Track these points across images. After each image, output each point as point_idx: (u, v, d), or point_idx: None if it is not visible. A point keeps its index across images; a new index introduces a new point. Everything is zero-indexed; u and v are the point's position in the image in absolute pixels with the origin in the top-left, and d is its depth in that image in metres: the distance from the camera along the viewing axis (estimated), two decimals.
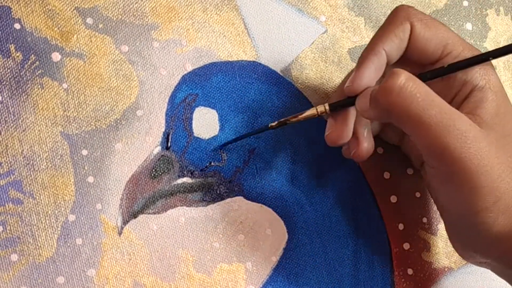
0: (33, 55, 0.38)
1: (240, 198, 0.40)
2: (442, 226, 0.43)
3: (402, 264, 0.42)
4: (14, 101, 0.37)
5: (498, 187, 0.34)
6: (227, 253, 0.40)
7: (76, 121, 0.38)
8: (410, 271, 0.42)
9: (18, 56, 0.38)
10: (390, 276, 0.42)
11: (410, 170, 0.44)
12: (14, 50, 0.38)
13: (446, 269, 0.43)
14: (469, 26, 0.46)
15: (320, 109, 0.38)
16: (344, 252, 0.41)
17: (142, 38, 0.40)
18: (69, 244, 0.37)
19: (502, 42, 0.47)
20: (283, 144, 0.41)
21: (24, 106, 0.37)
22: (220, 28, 0.41)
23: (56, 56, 0.38)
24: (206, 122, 0.40)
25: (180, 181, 0.39)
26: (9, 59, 0.37)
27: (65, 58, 0.38)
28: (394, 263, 0.42)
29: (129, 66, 0.39)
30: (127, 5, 0.40)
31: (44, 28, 0.38)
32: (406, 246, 0.43)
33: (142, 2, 0.40)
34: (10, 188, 0.37)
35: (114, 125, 0.39)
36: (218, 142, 0.40)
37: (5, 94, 0.37)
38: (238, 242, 0.40)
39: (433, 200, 0.41)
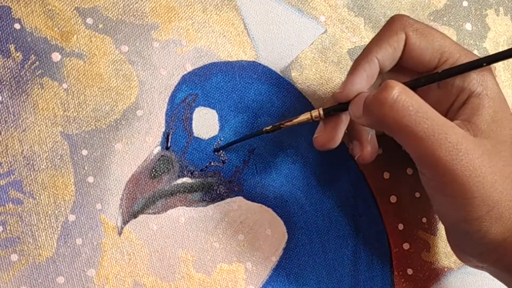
0: (33, 55, 0.38)
1: (240, 198, 0.40)
2: (442, 226, 0.43)
3: (402, 264, 0.42)
4: (14, 101, 0.37)
5: (491, 197, 0.34)
6: (227, 253, 0.40)
7: (76, 121, 0.38)
8: (410, 271, 0.42)
9: (18, 56, 0.38)
10: (390, 276, 0.42)
11: (410, 170, 0.44)
12: (14, 50, 0.38)
13: (445, 269, 0.43)
14: (468, 27, 0.46)
15: (314, 113, 0.38)
16: (344, 252, 0.41)
17: (142, 38, 0.40)
18: (69, 244, 0.37)
19: (501, 43, 0.47)
20: (283, 144, 0.41)
21: (24, 106, 0.37)
22: (220, 28, 0.41)
23: (56, 56, 0.38)
24: (206, 122, 0.40)
25: (180, 181, 0.39)
26: (9, 59, 0.37)
27: (65, 58, 0.38)
28: (393, 263, 0.42)
29: (129, 66, 0.39)
30: (127, 5, 0.40)
31: (44, 28, 0.38)
32: (406, 246, 0.43)
33: (142, 2, 0.40)
34: (10, 188, 0.37)
35: (114, 125, 0.39)
36: (218, 142, 0.40)
37: (5, 94, 0.37)
38: (238, 242, 0.40)
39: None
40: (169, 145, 0.39)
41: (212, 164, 0.40)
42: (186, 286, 0.39)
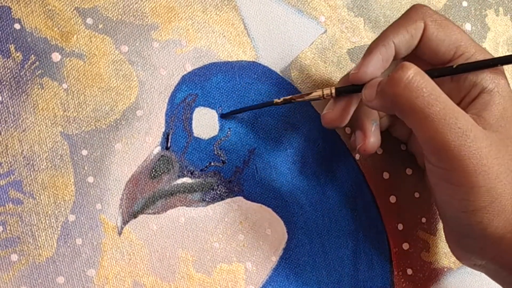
0: (33, 55, 0.38)
1: (240, 198, 0.40)
2: (442, 226, 0.43)
3: (402, 264, 0.42)
4: (14, 101, 0.37)
5: (495, 188, 0.34)
6: (227, 253, 0.40)
7: (76, 121, 0.38)
8: (409, 271, 0.42)
9: (18, 56, 0.38)
10: (389, 276, 0.42)
11: (409, 170, 0.44)
12: (14, 50, 0.38)
13: (445, 269, 0.43)
14: (468, 27, 0.46)
15: (326, 91, 0.38)
16: (343, 252, 0.41)
17: (142, 38, 0.40)
18: (69, 244, 0.37)
19: (501, 43, 0.47)
20: (283, 144, 0.41)
21: (24, 106, 0.37)
22: (220, 28, 0.41)
23: (56, 56, 0.38)
24: (206, 122, 0.40)
25: (180, 181, 0.39)
26: (9, 59, 0.37)
27: (65, 58, 0.38)
28: (393, 263, 0.42)
29: (129, 66, 0.39)
30: (127, 5, 0.40)
31: (44, 28, 0.38)
32: (406, 246, 0.43)
33: (142, 2, 0.40)
34: (10, 188, 0.36)
35: (114, 125, 0.39)
36: (218, 142, 0.40)
37: (5, 94, 0.37)
38: (238, 242, 0.40)
39: (432, 198, 0.41)
40: (169, 145, 0.39)
41: (212, 164, 0.40)
42: (186, 286, 0.39)
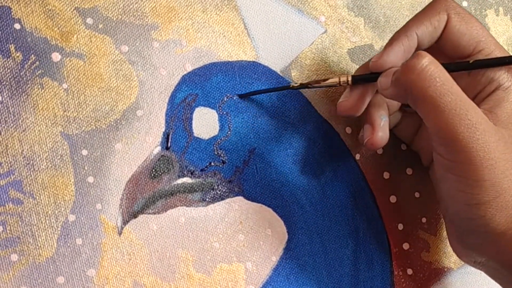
0: (33, 55, 0.38)
1: (240, 198, 0.40)
2: (442, 226, 0.44)
3: (402, 264, 0.42)
4: (14, 101, 0.37)
5: (500, 183, 0.34)
6: (227, 253, 0.40)
7: (76, 121, 0.38)
8: (409, 271, 0.42)
9: (18, 56, 0.38)
10: (389, 276, 0.42)
11: (409, 170, 0.44)
12: (14, 50, 0.38)
13: (445, 269, 0.43)
14: None
15: (342, 79, 0.38)
16: (344, 252, 0.41)
17: (142, 38, 0.40)
18: (69, 244, 0.37)
19: (501, 43, 0.47)
20: (283, 144, 0.41)
21: (24, 106, 0.37)
22: (220, 28, 0.41)
23: (56, 56, 0.38)
24: (206, 122, 0.40)
25: (180, 181, 0.39)
26: (9, 59, 0.37)
27: (65, 58, 0.38)
28: (393, 263, 0.42)
29: (129, 66, 0.39)
30: (127, 5, 0.40)
31: (44, 28, 0.38)
32: (406, 246, 0.43)
33: (142, 2, 0.40)
34: (10, 188, 0.36)
35: (114, 125, 0.39)
36: (218, 142, 0.40)
37: (5, 94, 0.37)
38: (238, 242, 0.40)
39: (437, 195, 0.41)
40: (169, 145, 0.39)
41: (212, 164, 0.40)
42: (186, 286, 0.39)
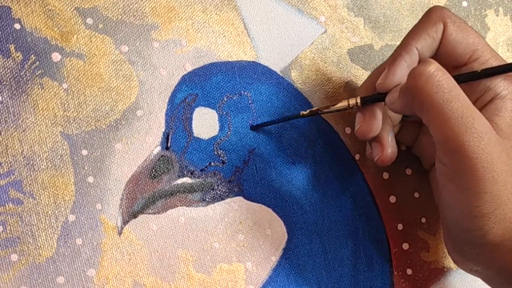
0: (33, 55, 0.38)
1: (240, 198, 0.40)
2: (442, 226, 0.44)
3: (402, 264, 0.42)
4: (14, 101, 0.37)
5: (500, 195, 0.34)
6: (227, 253, 0.40)
7: (76, 121, 0.38)
8: (409, 271, 0.43)
9: (18, 56, 0.38)
10: (389, 276, 0.42)
11: (409, 170, 0.44)
12: (14, 50, 0.38)
13: (445, 269, 0.43)
14: None
15: (351, 101, 0.38)
16: (343, 252, 0.41)
17: (142, 38, 0.40)
18: (69, 244, 0.37)
19: (501, 43, 0.47)
20: (283, 144, 0.41)
21: (24, 106, 0.37)
22: (220, 28, 0.41)
23: (56, 56, 0.38)
24: (206, 122, 0.40)
25: (180, 181, 0.39)
26: (9, 59, 0.37)
27: (65, 58, 0.38)
28: (393, 263, 0.42)
29: (129, 66, 0.39)
30: (127, 5, 0.40)
31: (44, 28, 0.38)
32: (405, 246, 0.43)
33: (142, 2, 0.40)
34: (10, 188, 0.36)
35: (114, 125, 0.39)
36: (218, 142, 0.40)
37: (5, 94, 0.37)
38: (238, 242, 0.40)
39: (436, 200, 0.41)
40: (169, 145, 0.39)
41: (212, 164, 0.40)
42: (186, 286, 0.39)
